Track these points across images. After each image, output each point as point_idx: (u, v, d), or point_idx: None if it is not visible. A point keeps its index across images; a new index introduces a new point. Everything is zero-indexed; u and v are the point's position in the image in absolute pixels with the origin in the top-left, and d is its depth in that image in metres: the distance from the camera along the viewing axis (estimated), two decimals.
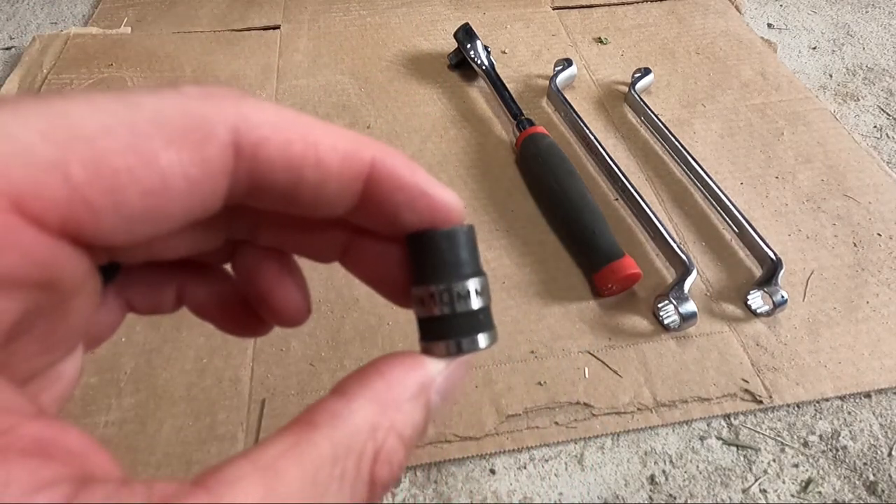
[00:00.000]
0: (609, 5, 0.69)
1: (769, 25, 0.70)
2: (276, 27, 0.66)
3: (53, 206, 0.10)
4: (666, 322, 0.40)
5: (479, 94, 0.57)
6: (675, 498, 0.33)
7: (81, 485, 0.09)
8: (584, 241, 0.42)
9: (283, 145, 0.12)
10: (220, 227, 0.15)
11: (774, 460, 0.35)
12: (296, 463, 0.11)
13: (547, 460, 0.35)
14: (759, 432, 0.36)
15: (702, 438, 0.36)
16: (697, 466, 0.35)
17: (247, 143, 0.12)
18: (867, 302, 0.42)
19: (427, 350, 0.15)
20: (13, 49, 0.65)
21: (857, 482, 0.34)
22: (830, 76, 0.63)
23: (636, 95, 0.55)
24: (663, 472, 0.35)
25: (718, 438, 0.36)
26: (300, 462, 0.11)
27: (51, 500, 0.09)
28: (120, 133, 0.11)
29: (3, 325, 0.11)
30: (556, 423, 0.36)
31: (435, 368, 0.14)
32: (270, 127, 0.12)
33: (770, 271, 0.41)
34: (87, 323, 0.14)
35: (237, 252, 0.17)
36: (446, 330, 0.14)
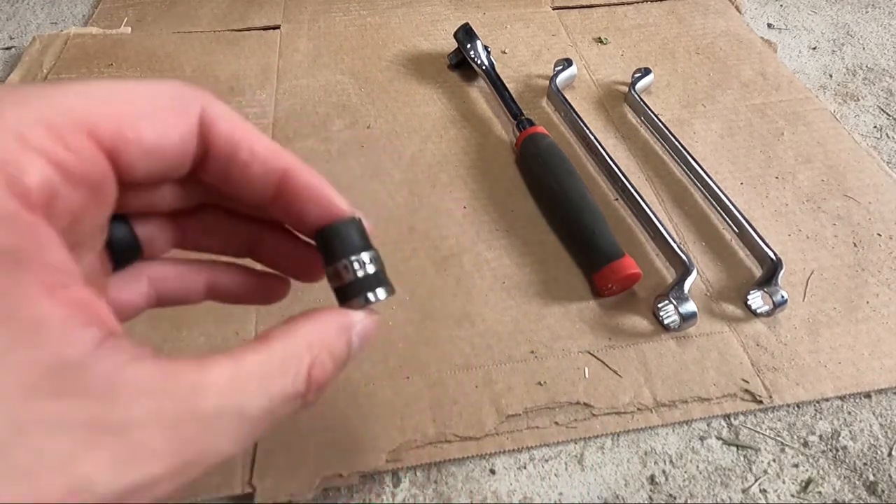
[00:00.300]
0: (609, 5, 0.69)
1: (769, 25, 0.70)
2: (276, 27, 0.66)
3: (108, 135, 0.16)
4: (666, 322, 0.40)
5: (479, 94, 0.57)
6: (675, 498, 0.34)
7: (110, 335, 0.13)
8: (584, 241, 0.42)
9: (230, 127, 0.18)
10: (190, 194, 0.20)
11: (774, 460, 0.35)
12: (254, 356, 0.16)
13: (547, 460, 0.35)
14: (759, 432, 0.36)
15: (702, 438, 0.36)
16: (697, 466, 0.35)
17: (208, 118, 0.18)
18: (867, 302, 0.42)
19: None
20: (13, 49, 0.65)
21: (857, 482, 0.34)
22: (830, 76, 0.63)
23: (636, 95, 0.55)
24: (663, 472, 0.35)
25: (718, 438, 0.36)
26: (257, 356, 0.16)
27: (87, 336, 0.13)
28: (138, 94, 0.17)
29: (73, 210, 0.15)
30: (556, 423, 0.36)
31: (353, 317, 0.19)
32: (224, 112, 0.18)
33: (770, 271, 0.41)
34: (101, 232, 0.18)
35: (257, 244, 0.22)
36: (355, 290, 0.20)
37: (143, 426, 0.13)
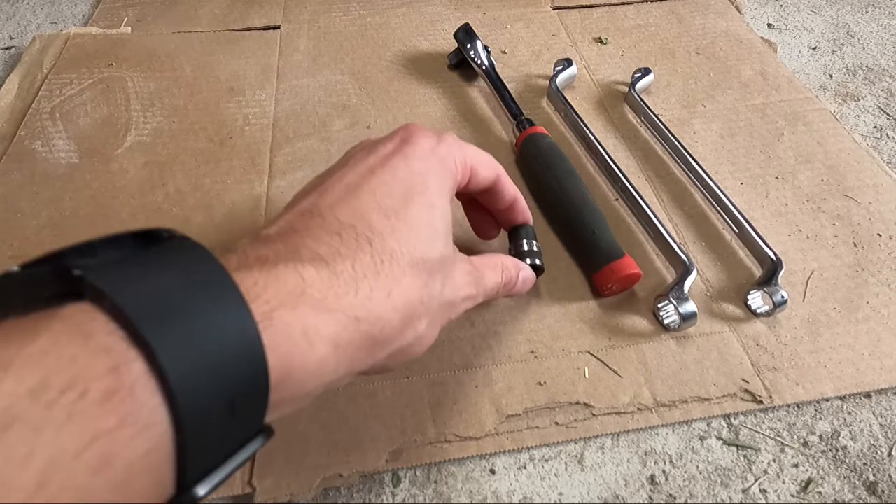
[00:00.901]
0: (609, 5, 0.69)
1: (769, 25, 0.70)
2: (276, 27, 0.66)
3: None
4: (666, 322, 0.40)
5: (479, 94, 0.57)
6: (675, 498, 0.33)
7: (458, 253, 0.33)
8: (584, 241, 0.42)
9: (506, 181, 0.34)
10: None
11: (774, 460, 0.35)
12: (484, 266, 0.31)
13: (547, 460, 0.35)
14: (759, 432, 0.36)
15: (702, 438, 0.36)
16: (697, 466, 0.35)
17: (472, 170, 0.31)
18: (867, 302, 0.42)
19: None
20: (13, 49, 0.65)
21: (857, 482, 0.34)
22: (830, 76, 0.63)
23: (636, 95, 0.55)
24: (663, 472, 0.35)
25: (718, 438, 0.36)
26: (485, 265, 0.31)
27: (456, 254, 0.30)
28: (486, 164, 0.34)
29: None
30: (556, 423, 0.36)
31: (523, 263, 0.36)
32: (480, 164, 0.32)
33: (770, 271, 0.41)
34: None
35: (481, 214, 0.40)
36: (527, 257, 0.37)
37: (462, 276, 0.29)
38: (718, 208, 0.46)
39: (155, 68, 0.60)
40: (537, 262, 0.37)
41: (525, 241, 0.38)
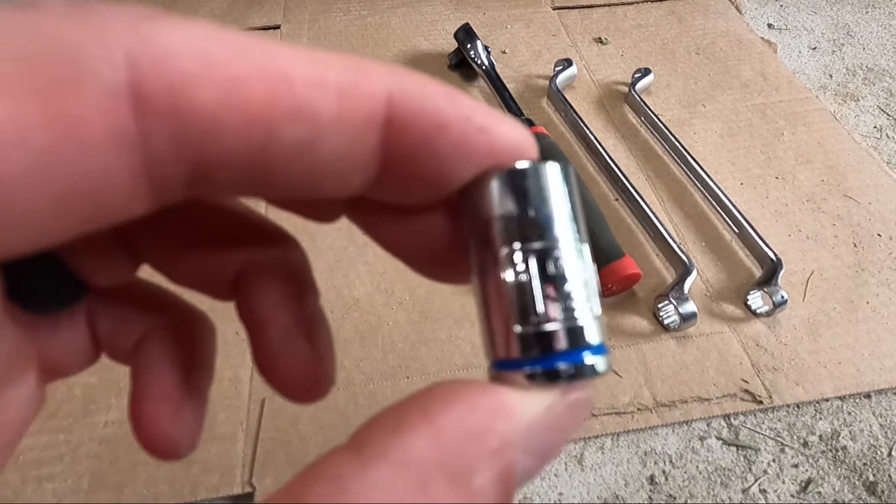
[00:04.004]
0: (609, 5, 0.69)
1: (769, 26, 0.70)
2: (277, 27, 0.66)
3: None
4: (666, 322, 0.40)
5: (479, 94, 0.57)
6: (674, 498, 0.33)
7: None
8: None
9: (225, 88, 0.07)
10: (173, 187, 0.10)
11: (774, 460, 0.35)
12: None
13: None
14: (758, 432, 0.36)
15: (702, 438, 0.36)
16: (697, 466, 0.35)
17: (156, 86, 0.07)
18: (867, 302, 0.42)
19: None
20: None
21: (857, 482, 0.34)
22: (830, 76, 0.63)
23: (636, 95, 0.55)
24: (663, 472, 0.34)
25: (718, 438, 0.36)
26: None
27: None
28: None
29: None
30: None
31: (523, 408, 0.09)
32: (197, 57, 0.07)
33: (770, 271, 0.41)
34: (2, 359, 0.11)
35: (242, 289, 0.13)
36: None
37: None
38: (718, 208, 0.46)
39: None
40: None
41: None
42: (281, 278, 0.13)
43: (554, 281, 0.09)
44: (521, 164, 0.10)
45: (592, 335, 0.09)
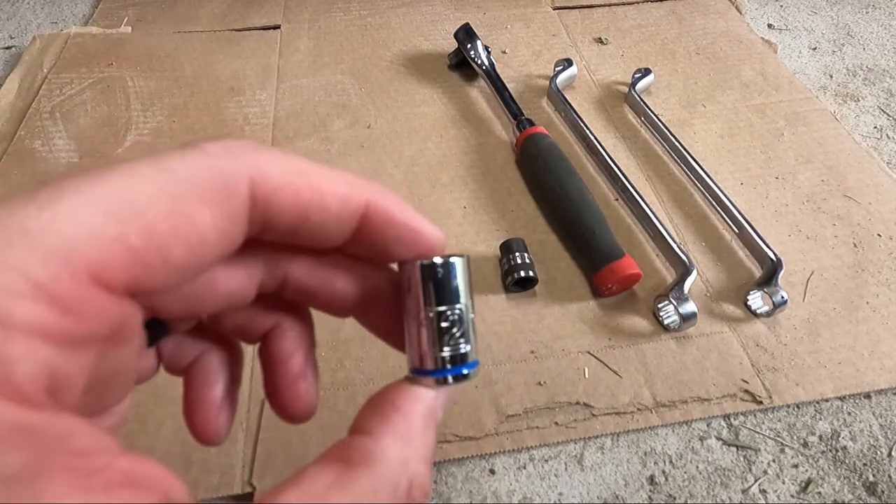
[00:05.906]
0: (609, 5, 0.69)
1: (769, 26, 0.70)
2: (277, 27, 0.66)
3: (121, 272, 0.12)
4: (666, 322, 0.40)
5: (479, 94, 0.57)
6: (674, 498, 0.33)
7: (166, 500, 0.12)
8: (584, 241, 0.42)
9: (293, 193, 0.14)
10: (249, 273, 0.17)
11: (774, 461, 0.35)
12: (341, 496, 0.13)
13: (547, 460, 0.35)
14: (758, 433, 0.36)
15: (702, 439, 0.36)
16: (697, 467, 0.35)
17: (262, 193, 0.14)
18: (867, 302, 0.42)
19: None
20: (13, 48, 0.65)
21: (857, 482, 0.34)
22: (831, 77, 0.63)
23: (636, 95, 0.55)
24: (663, 472, 0.34)
25: (718, 439, 0.36)
26: (344, 496, 0.14)
27: None
28: (163, 201, 0.13)
29: (85, 375, 0.12)
30: (556, 423, 0.36)
31: (435, 395, 0.17)
32: (282, 178, 0.14)
33: (770, 272, 0.41)
34: (137, 367, 0.16)
35: (267, 338, 0.19)
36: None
37: None
38: (718, 208, 0.46)
39: (155, 68, 0.60)
40: (531, 273, 0.38)
41: (518, 254, 0.38)
42: (297, 333, 0.19)
43: (451, 328, 0.16)
44: (437, 260, 0.16)
45: (470, 357, 0.17)
